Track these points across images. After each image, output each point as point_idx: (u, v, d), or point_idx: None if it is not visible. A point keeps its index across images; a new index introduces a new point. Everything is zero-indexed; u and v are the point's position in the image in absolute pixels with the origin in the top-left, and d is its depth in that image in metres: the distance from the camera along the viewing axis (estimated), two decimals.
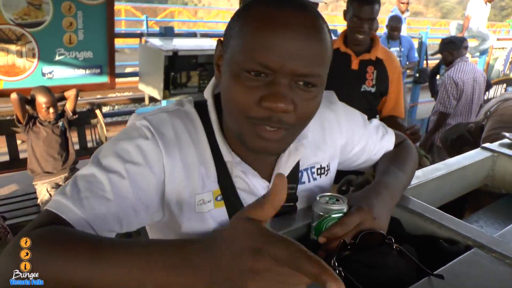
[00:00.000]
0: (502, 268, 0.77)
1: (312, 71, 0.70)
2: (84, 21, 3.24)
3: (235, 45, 0.72)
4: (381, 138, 1.07)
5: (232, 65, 0.72)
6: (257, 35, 0.68)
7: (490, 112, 2.45)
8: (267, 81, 0.69)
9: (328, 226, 0.80)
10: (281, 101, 0.68)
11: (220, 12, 17.26)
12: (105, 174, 0.72)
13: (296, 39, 0.68)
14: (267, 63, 0.68)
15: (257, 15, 0.70)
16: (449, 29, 7.52)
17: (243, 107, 0.71)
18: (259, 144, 0.73)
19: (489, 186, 1.45)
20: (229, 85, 0.72)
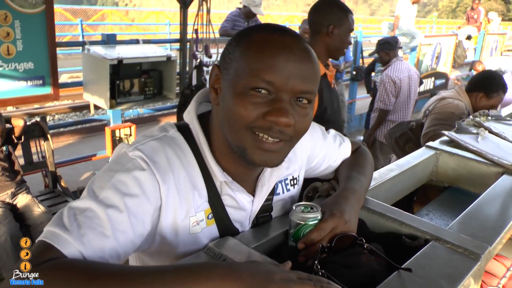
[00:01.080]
0: (456, 256, 0.89)
1: (309, 88, 0.80)
2: (23, 31, 3.09)
3: (238, 67, 0.79)
4: (339, 146, 1.17)
5: (236, 85, 0.79)
6: (263, 57, 0.77)
7: (429, 110, 2.67)
8: (271, 99, 0.78)
9: (305, 233, 0.88)
10: (284, 116, 0.77)
11: (153, 13, 16.97)
12: (104, 209, 0.73)
13: (296, 61, 0.78)
14: (272, 80, 0.76)
15: (260, 40, 0.79)
16: (381, 28, 7.93)
17: (247, 120, 0.78)
18: (260, 156, 0.81)
19: (434, 181, 1.60)
20: (233, 103, 0.79)
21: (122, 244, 0.74)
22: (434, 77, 7.82)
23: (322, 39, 2.07)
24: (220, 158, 0.89)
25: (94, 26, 13.54)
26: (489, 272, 1.11)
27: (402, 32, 7.17)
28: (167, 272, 0.66)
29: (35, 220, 2.69)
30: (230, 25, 4.82)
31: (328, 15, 2.06)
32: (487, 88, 2.68)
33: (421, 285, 0.78)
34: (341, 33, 2.06)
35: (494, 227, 1.04)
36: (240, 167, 0.89)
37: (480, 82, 2.75)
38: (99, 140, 5.43)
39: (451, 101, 2.66)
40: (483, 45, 9.64)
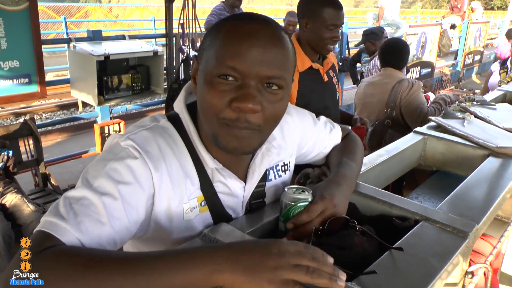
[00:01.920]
0: (445, 236, 0.92)
1: (275, 74, 0.80)
2: (6, 29, 3.05)
3: (208, 56, 0.81)
4: (330, 132, 1.19)
5: (206, 73, 0.80)
6: (227, 44, 0.78)
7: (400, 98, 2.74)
8: (237, 85, 0.79)
9: (295, 213, 0.90)
10: (249, 101, 0.77)
11: (137, 9, 16.84)
12: (99, 197, 0.74)
13: (260, 46, 0.78)
14: (236, 66, 0.77)
15: (227, 28, 0.81)
16: (366, 19, 7.96)
17: (215, 110, 0.79)
18: (231, 144, 0.82)
19: (422, 165, 1.64)
20: (203, 91, 0.81)
21: (118, 231, 0.75)
22: (420, 66, 7.88)
23: (302, 33, 1.98)
24: (209, 146, 0.90)
25: (78, 24, 13.38)
26: (476, 251, 1.15)
27: (387, 22, 7.22)
28: (166, 256, 0.67)
29: (25, 219, 2.67)
30: (215, 19, 4.81)
31: (304, 8, 1.98)
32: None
33: (412, 264, 0.80)
34: (315, 28, 1.92)
35: (481, 207, 1.07)
36: (227, 154, 0.90)
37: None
38: (88, 137, 5.41)
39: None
40: (467, 33, 9.73)
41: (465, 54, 9.93)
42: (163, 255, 0.68)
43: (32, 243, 0.68)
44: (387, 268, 0.78)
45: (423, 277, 0.76)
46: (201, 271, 0.65)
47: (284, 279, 0.63)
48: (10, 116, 5.57)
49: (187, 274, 0.65)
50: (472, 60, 10.46)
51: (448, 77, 9.47)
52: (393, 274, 0.77)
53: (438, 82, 9.10)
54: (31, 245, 0.67)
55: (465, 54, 9.91)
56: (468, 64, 10.28)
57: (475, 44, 10.33)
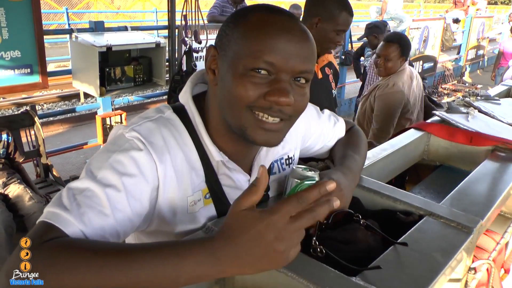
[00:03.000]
0: (450, 230, 0.91)
1: (308, 68, 0.81)
2: (8, 19, 3.04)
3: (238, 49, 0.80)
4: (334, 125, 1.19)
5: (237, 66, 0.79)
6: (263, 38, 0.78)
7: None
8: (271, 79, 0.79)
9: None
10: (285, 96, 0.78)
11: (139, 1, 16.76)
12: (102, 189, 0.74)
13: (295, 41, 0.79)
14: (273, 61, 0.77)
15: (259, 20, 0.80)
16: (369, 12, 7.92)
17: (247, 101, 0.79)
18: (261, 136, 0.82)
19: (425, 160, 1.63)
20: (233, 83, 0.79)
21: (121, 223, 0.75)
22: (423, 60, 7.86)
23: (309, 30, 1.94)
24: (216, 138, 0.89)
25: (79, 15, 13.35)
26: (480, 247, 1.14)
27: (390, 16, 7.18)
28: (167, 247, 0.66)
29: (27, 210, 2.68)
30: (218, 11, 4.79)
31: (319, 7, 1.93)
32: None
33: (416, 259, 0.80)
34: (325, 29, 1.90)
35: (485, 202, 1.07)
36: (237, 146, 0.90)
37: None
38: (89, 128, 5.41)
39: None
40: (471, 28, 9.69)
41: (468, 49, 9.89)
42: (163, 246, 0.66)
43: (35, 233, 0.67)
44: (391, 263, 0.78)
45: (427, 272, 0.76)
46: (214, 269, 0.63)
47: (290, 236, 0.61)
48: (12, 107, 5.55)
49: (187, 264, 0.63)
50: (475, 54, 10.43)
51: (450, 71, 9.44)
52: (397, 269, 0.77)
53: (441, 77, 9.08)
54: (33, 235, 0.67)
55: (468, 49, 9.87)
56: (471, 59, 10.25)
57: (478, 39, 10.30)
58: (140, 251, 0.65)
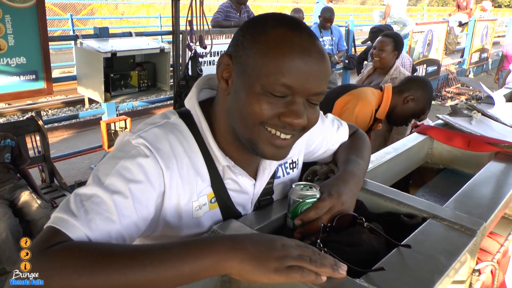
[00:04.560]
0: (453, 233, 0.92)
1: (322, 90, 0.82)
2: (14, 26, 3.07)
3: (256, 66, 0.79)
4: (337, 130, 1.19)
5: (253, 83, 0.79)
6: (282, 59, 0.77)
7: None
8: (286, 101, 0.80)
9: (303, 210, 0.90)
10: (299, 118, 0.80)
11: (143, 6, 16.85)
12: (109, 195, 0.75)
13: (313, 63, 0.79)
14: (291, 84, 0.78)
15: (279, 38, 0.79)
16: (373, 16, 7.94)
17: (261, 118, 0.80)
18: (271, 151, 0.84)
19: (429, 163, 1.64)
20: (248, 100, 0.80)
21: (127, 228, 0.76)
22: (426, 64, 7.86)
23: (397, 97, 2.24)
24: (223, 144, 0.90)
25: (84, 21, 13.44)
26: (484, 250, 1.14)
27: (393, 20, 7.19)
28: (174, 247, 0.68)
29: (34, 215, 2.70)
30: (222, 16, 4.81)
31: (419, 89, 2.27)
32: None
33: (420, 261, 0.80)
34: (410, 109, 2.24)
35: (488, 205, 1.07)
36: (243, 153, 0.91)
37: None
38: (94, 134, 5.43)
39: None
40: (474, 31, 9.68)
41: (472, 52, 9.87)
42: (171, 246, 0.70)
43: (42, 238, 0.69)
44: (395, 265, 0.78)
45: (431, 274, 0.76)
46: (209, 260, 0.67)
47: (289, 266, 0.67)
48: (17, 113, 5.60)
49: (196, 263, 0.67)
50: (479, 58, 10.41)
51: (454, 75, 9.42)
52: (401, 271, 0.77)
53: (444, 80, 9.06)
54: (40, 240, 0.68)
55: (471, 52, 9.85)
56: (474, 62, 10.23)
57: (482, 42, 10.28)
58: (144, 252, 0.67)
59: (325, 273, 0.69)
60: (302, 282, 0.69)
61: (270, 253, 0.68)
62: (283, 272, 0.67)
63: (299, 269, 0.67)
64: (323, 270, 0.69)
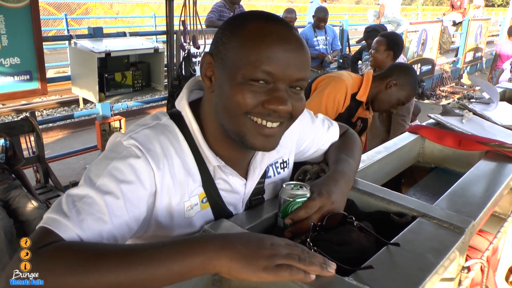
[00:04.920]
0: (442, 231, 0.93)
1: (304, 76, 0.84)
2: (7, 26, 3.05)
3: (236, 58, 0.82)
4: (327, 130, 1.20)
5: (235, 75, 0.81)
6: (261, 47, 0.80)
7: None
8: (269, 88, 0.81)
9: (293, 209, 0.92)
10: (283, 104, 0.81)
11: (138, 6, 16.82)
12: (101, 196, 0.76)
13: (292, 50, 0.81)
14: (271, 71, 0.79)
15: (256, 30, 0.82)
16: (367, 16, 7.96)
17: (246, 108, 0.81)
18: (259, 141, 0.85)
19: (421, 162, 1.65)
20: (232, 92, 0.82)
21: (119, 228, 0.77)
22: (421, 63, 7.90)
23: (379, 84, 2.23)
24: (213, 144, 0.91)
25: (78, 20, 13.39)
26: (473, 247, 1.16)
27: (387, 19, 7.22)
28: (165, 246, 0.69)
29: (28, 215, 2.69)
30: (215, 16, 4.82)
31: (401, 74, 2.21)
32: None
33: (409, 259, 0.81)
34: (394, 94, 2.19)
35: (478, 203, 1.08)
36: (233, 151, 0.92)
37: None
38: (89, 134, 5.42)
39: None
40: (468, 30, 9.72)
41: (466, 51, 9.92)
42: (162, 245, 0.71)
43: (33, 239, 0.69)
44: (384, 263, 0.79)
45: (419, 272, 0.77)
46: (199, 258, 0.68)
47: (278, 265, 0.68)
48: (12, 113, 5.58)
49: (185, 261, 0.68)
50: (473, 57, 10.46)
51: (448, 74, 9.47)
52: (389, 269, 0.78)
53: (439, 79, 9.10)
54: (32, 240, 0.69)
55: (466, 51, 9.90)
56: (469, 61, 10.28)
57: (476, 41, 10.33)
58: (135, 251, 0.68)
59: (314, 272, 0.70)
60: (291, 280, 0.70)
61: (259, 252, 0.69)
62: (272, 270, 0.67)
63: (288, 267, 0.68)
64: (312, 268, 0.70)
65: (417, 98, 7.91)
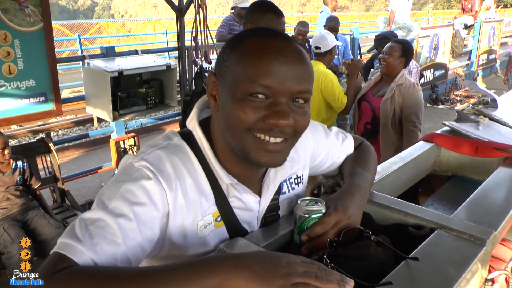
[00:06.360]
0: (462, 243, 0.90)
1: (305, 88, 0.82)
2: (23, 50, 3.13)
3: (235, 74, 0.82)
4: (342, 143, 1.19)
5: (235, 91, 0.81)
6: (258, 62, 0.80)
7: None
8: (269, 102, 0.80)
9: (309, 226, 0.90)
10: (284, 118, 0.80)
11: (150, 23, 17.08)
12: (114, 219, 0.76)
13: (290, 63, 0.80)
14: (269, 84, 0.79)
15: (254, 45, 0.82)
16: (377, 23, 7.95)
17: (247, 124, 0.81)
18: (264, 157, 0.83)
19: (437, 171, 1.62)
20: (233, 108, 0.81)
21: (133, 250, 0.77)
22: (433, 68, 7.84)
23: None
24: (224, 162, 0.91)
25: (91, 40, 13.65)
26: (496, 257, 1.13)
27: (398, 25, 7.19)
28: (180, 268, 0.69)
29: (46, 235, 2.72)
30: (226, 30, 4.85)
31: (248, 13, 2.24)
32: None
33: (428, 273, 0.79)
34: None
35: (498, 212, 1.06)
36: (244, 169, 0.91)
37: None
38: (104, 152, 5.48)
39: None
40: (480, 33, 9.63)
41: (479, 54, 9.82)
42: (177, 266, 0.70)
43: (48, 264, 0.70)
44: (404, 279, 0.78)
45: (440, 286, 0.76)
46: (215, 279, 0.67)
47: (295, 283, 0.67)
48: (28, 134, 5.67)
49: (202, 283, 0.67)
50: (487, 59, 10.34)
51: (462, 78, 9.37)
52: (409, 284, 0.77)
53: (453, 84, 9.01)
54: (46, 266, 0.69)
55: (479, 54, 9.80)
56: (482, 64, 10.16)
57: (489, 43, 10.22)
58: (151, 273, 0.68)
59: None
60: None
61: (276, 271, 0.68)
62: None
63: (305, 286, 0.67)
64: (329, 286, 0.68)
65: (431, 104, 7.84)
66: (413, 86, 3.03)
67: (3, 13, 2.98)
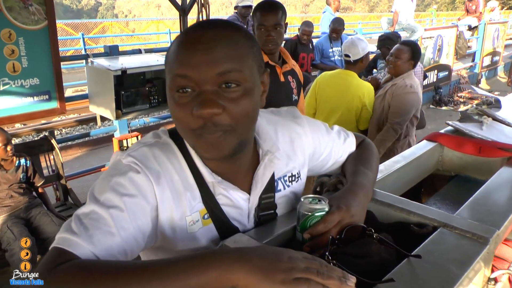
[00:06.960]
0: (465, 242, 0.90)
1: (227, 68, 0.78)
2: (27, 48, 3.15)
3: (167, 72, 0.83)
4: (344, 141, 1.18)
5: (169, 90, 0.82)
6: (175, 54, 0.80)
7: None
8: (195, 94, 0.79)
9: (312, 224, 0.90)
10: (206, 107, 0.77)
11: (153, 23, 17.12)
12: (106, 210, 0.77)
13: (203, 48, 0.77)
14: (185, 73, 0.78)
15: (177, 39, 0.82)
16: (381, 24, 7.94)
17: (184, 123, 0.81)
18: (211, 152, 0.83)
19: (440, 170, 1.62)
20: (171, 108, 0.83)
21: (127, 241, 0.78)
22: (437, 69, 7.82)
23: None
24: (207, 160, 0.91)
25: (95, 39, 13.69)
26: (499, 257, 1.12)
27: (401, 26, 7.19)
28: (180, 261, 0.69)
29: (49, 233, 2.73)
30: None
31: (252, 13, 2.36)
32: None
33: (430, 271, 0.79)
34: (255, 30, 2.28)
35: (501, 212, 1.05)
36: (225, 166, 0.91)
37: None
38: (107, 151, 5.49)
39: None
40: (485, 34, 9.61)
41: (483, 56, 9.79)
42: (177, 259, 0.70)
43: (47, 260, 0.70)
44: (405, 276, 0.78)
45: (442, 284, 0.75)
46: (216, 272, 0.67)
47: (296, 278, 0.66)
48: (32, 133, 5.69)
49: (202, 276, 0.67)
50: (491, 61, 10.32)
51: (466, 79, 9.35)
52: (411, 282, 0.76)
53: (456, 85, 8.99)
54: (46, 261, 0.70)
55: (483, 56, 9.77)
56: (486, 65, 10.14)
57: (493, 45, 10.19)
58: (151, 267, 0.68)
59: (333, 285, 0.68)
60: None
61: (277, 265, 0.68)
62: (290, 284, 0.66)
63: (306, 281, 0.67)
64: (330, 282, 0.68)
65: (435, 105, 7.83)
66: (406, 87, 2.96)
67: (8, 11, 2.99)
